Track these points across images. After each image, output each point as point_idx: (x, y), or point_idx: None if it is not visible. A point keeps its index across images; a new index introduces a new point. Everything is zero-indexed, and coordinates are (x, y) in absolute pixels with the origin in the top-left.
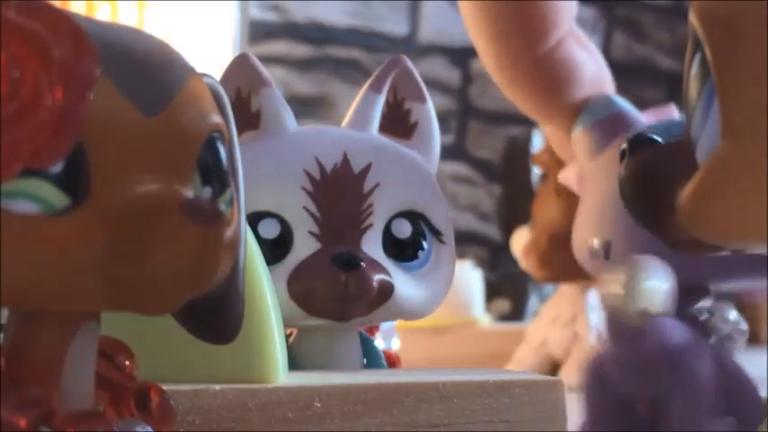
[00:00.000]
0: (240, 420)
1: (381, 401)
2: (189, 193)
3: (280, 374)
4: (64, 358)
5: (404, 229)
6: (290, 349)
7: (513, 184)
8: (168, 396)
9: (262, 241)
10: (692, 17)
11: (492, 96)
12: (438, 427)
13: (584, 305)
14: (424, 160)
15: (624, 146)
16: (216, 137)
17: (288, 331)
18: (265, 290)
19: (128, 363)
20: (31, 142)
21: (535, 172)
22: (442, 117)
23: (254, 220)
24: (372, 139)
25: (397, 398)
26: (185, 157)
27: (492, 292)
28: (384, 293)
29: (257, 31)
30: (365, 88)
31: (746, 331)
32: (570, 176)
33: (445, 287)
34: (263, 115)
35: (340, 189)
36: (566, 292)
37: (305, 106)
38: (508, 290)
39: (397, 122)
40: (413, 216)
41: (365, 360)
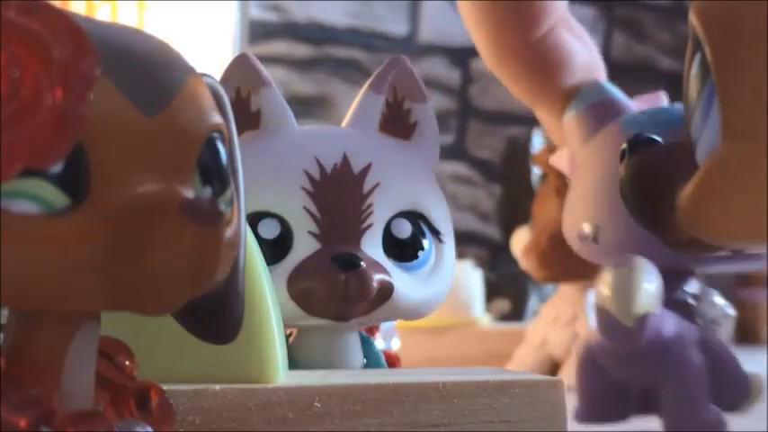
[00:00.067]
0: (240, 420)
1: (381, 401)
2: (189, 193)
3: (280, 374)
4: (64, 358)
5: (404, 229)
6: (290, 349)
7: (513, 184)
8: (168, 396)
9: (262, 241)
10: (692, 17)
11: (492, 96)
12: (438, 427)
13: (584, 305)
14: (423, 160)
15: (624, 146)
16: (216, 137)
17: (288, 331)
18: (265, 290)
19: (128, 363)
20: (31, 142)
21: (535, 172)
22: (441, 117)
23: (254, 220)
24: (372, 139)
25: (397, 398)
26: (185, 157)
27: (492, 292)
28: (384, 293)
29: (257, 31)
30: (365, 88)
31: (733, 316)
32: (562, 160)
33: (445, 287)
34: (263, 115)
35: (340, 189)
36: (566, 292)
37: (305, 106)
38: (508, 290)
39: (397, 122)
40: (413, 216)
41: (365, 360)
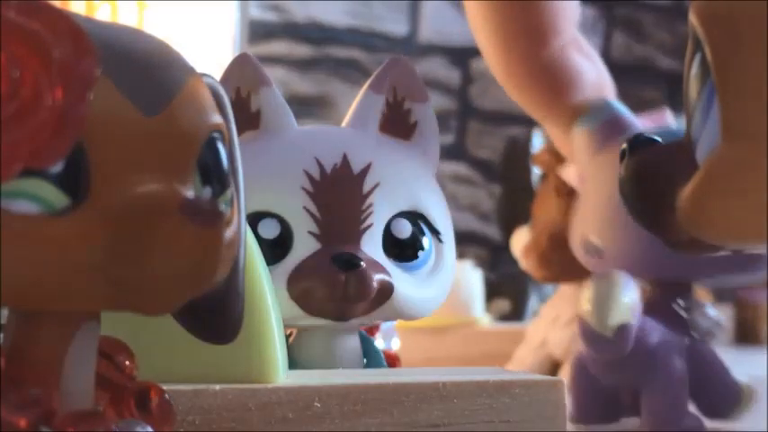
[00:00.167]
0: (240, 420)
1: (381, 401)
2: (189, 193)
3: (280, 374)
4: (64, 358)
5: (404, 229)
6: (290, 349)
7: (513, 184)
8: (168, 396)
9: (262, 241)
10: (692, 17)
11: (492, 96)
12: (438, 427)
13: None
14: (423, 160)
15: (624, 146)
16: (216, 137)
17: (288, 331)
18: (265, 290)
19: (128, 363)
20: (31, 142)
21: (535, 172)
22: (441, 117)
23: (254, 220)
24: (372, 139)
25: (397, 398)
26: (185, 157)
27: (492, 292)
28: (384, 293)
29: (257, 31)
30: (365, 88)
31: (724, 324)
32: (571, 174)
33: (445, 287)
34: (263, 115)
35: (340, 189)
36: (566, 292)
37: (305, 106)
38: (508, 290)
39: (397, 122)
40: (413, 216)
41: (365, 360)
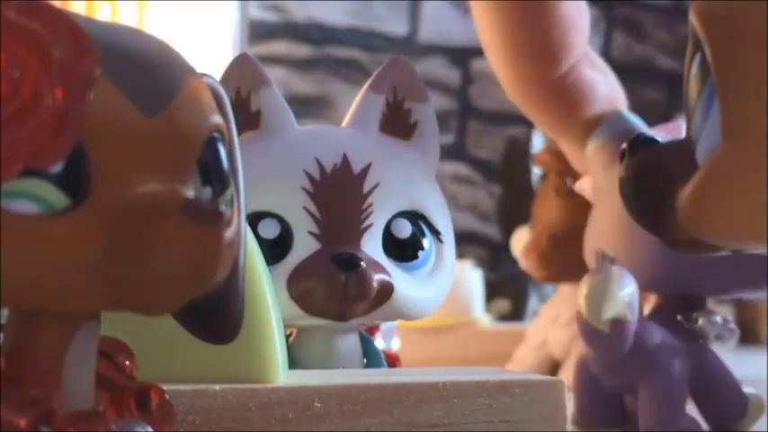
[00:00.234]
0: (240, 420)
1: (381, 401)
2: (189, 193)
3: (280, 374)
4: (64, 358)
5: (404, 229)
6: (290, 349)
7: (513, 184)
8: (168, 396)
9: (262, 241)
10: (692, 17)
11: (492, 96)
12: (438, 427)
13: None
14: (423, 160)
15: (624, 146)
16: (216, 137)
17: (288, 331)
18: (265, 290)
19: (128, 363)
20: (31, 142)
21: (535, 172)
22: (441, 117)
23: (254, 220)
24: (372, 139)
25: (397, 398)
26: (185, 157)
27: (492, 292)
28: (384, 293)
29: (257, 31)
30: (365, 88)
31: (735, 329)
32: (586, 186)
33: (445, 287)
34: (263, 115)
35: (340, 189)
36: (566, 292)
37: (305, 106)
38: (508, 290)
39: (397, 122)
40: (413, 216)
41: (365, 360)
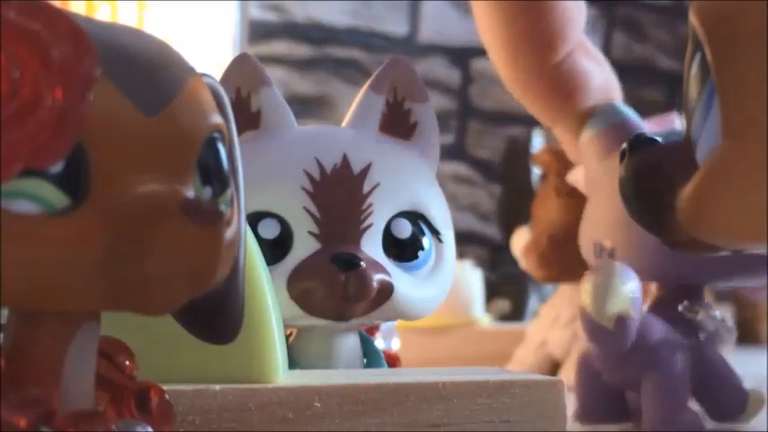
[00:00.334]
0: (240, 420)
1: (381, 401)
2: (189, 194)
3: (280, 374)
4: (64, 358)
5: (404, 229)
6: (290, 349)
7: (513, 184)
8: (168, 396)
9: (262, 241)
10: (692, 17)
11: (492, 96)
12: (438, 427)
13: None
14: (424, 160)
15: (624, 146)
16: (216, 137)
17: (288, 331)
18: (265, 290)
19: (128, 363)
20: (31, 142)
21: (535, 172)
22: (441, 117)
23: (254, 220)
24: (372, 139)
25: (397, 398)
26: (185, 158)
27: (492, 292)
28: (384, 293)
29: (257, 31)
30: (365, 88)
31: (733, 328)
32: (578, 177)
33: (445, 287)
34: (263, 115)
35: (340, 189)
36: (565, 292)
37: (305, 106)
38: (508, 290)
39: (397, 122)
40: (413, 216)
41: (365, 360)
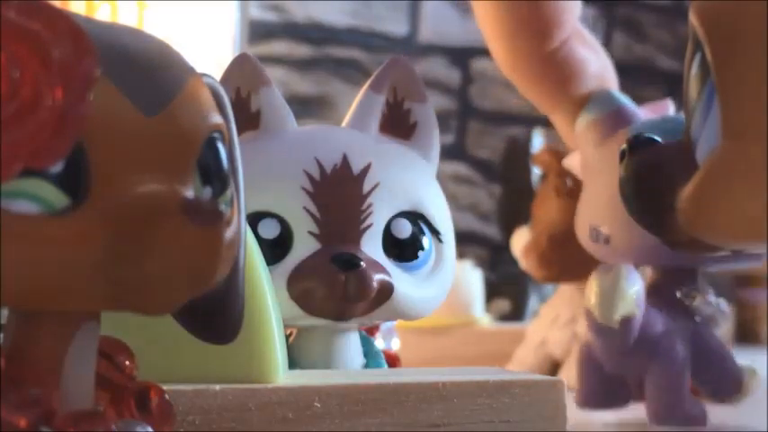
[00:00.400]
0: (240, 420)
1: (381, 401)
2: (189, 193)
3: (280, 374)
4: (64, 358)
5: (404, 229)
6: (290, 349)
7: (513, 184)
8: (168, 396)
9: (262, 241)
10: (692, 17)
11: (492, 96)
12: (438, 427)
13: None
14: (423, 160)
15: (624, 146)
16: (216, 137)
17: (288, 331)
18: (265, 290)
19: (128, 363)
20: (31, 142)
21: (535, 172)
22: (441, 117)
23: (254, 220)
24: (372, 139)
25: (397, 398)
26: (185, 157)
27: (492, 292)
28: (384, 293)
29: (257, 31)
30: (365, 88)
31: (728, 311)
32: (575, 163)
33: (445, 287)
34: (262, 115)
35: (340, 189)
36: (565, 292)
37: (305, 106)
38: (508, 290)
39: (397, 122)
40: (413, 216)
41: (365, 360)
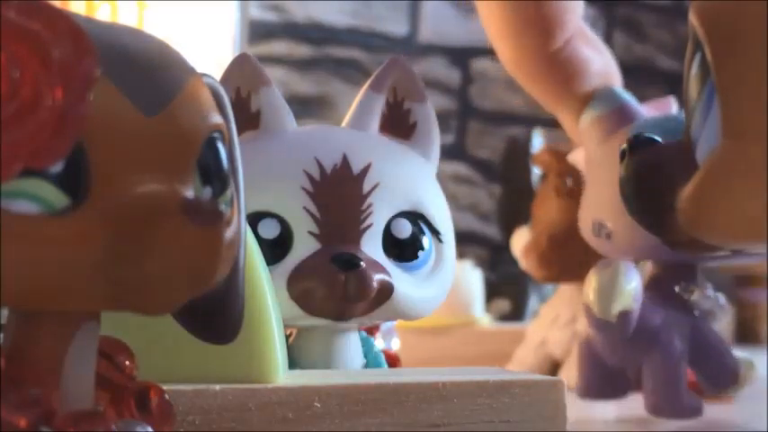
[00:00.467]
0: (240, 420)
1: (381, 401)
2: (189, 194)
3: (280, 374)
4: (64, 358)
5: (404, 229)
6: (290, 349)
7: (513, 184)
8: (168, 396)
9: (262, 241)
10: (692, 17)
11: (492, 96)
12: (438, 427)
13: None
14: (423, 160)
15: (624, 146)
16: (216, 137)
17: (288, 331)
18: (265, 290)
19: (128, 363)
20: (31, 142)
21: (535, 172)
22: (441, 117)
23: (254, 220)
24: (372, 139)
25: (397, 398)
26: (185, 157)
27: (492, 292)
28: (384, 293)
29: (257, 31)
30: (365, 88)
31: (726, 305)
32: (579, 158)
33: (445, 287)
34: (262, 115)
35: (340, 189)
36: (565, 292)
37: (305, 106)
38: (508, 290)
39: (397, 122)
40: (413, 216)
41: (365, 360)
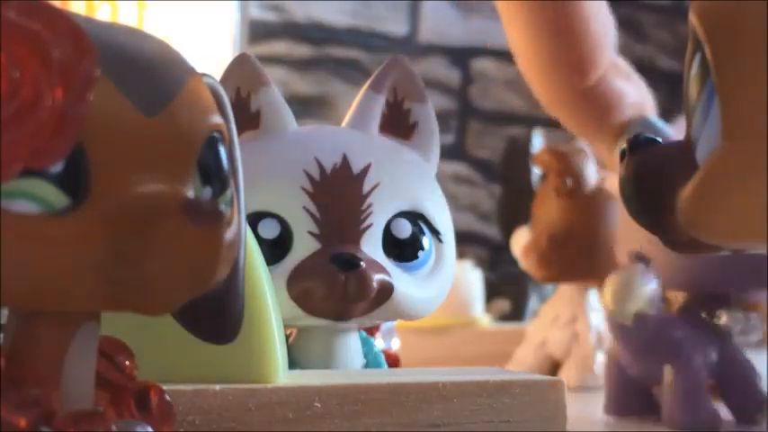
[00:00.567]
0: (240, 420)
1: (381, 401)
2: (189, 194)
3: (280, 374)
4: (64, 358)
5: (404, 229)
6: (290, 349)
7: (513, 184)
8: (168, 396)
9: (262, 241)
10: (692, 17)
11: (492, 96)
12: (438, 427)
13: (584, 305)
14: (423, 160)
15: (624, 146)
16: (216, 137)
17: (288, 331)
18: (265, 290)
19: (128, 363)
20: (31, 142)
21: (535, 172)
22: (441, 117)
23: (254, 220)
24: (372, 139)
25: (397, 398)
26: (185, 158)
27: (492, 292)
28: (384, 293)
29: (257, 31)
30: (365, 88)
31: (758, 323)
32: (615, 186)
33: (445, 287)
34: (262, 115)
35: (339, 189)
36: (565, 292)
37: (305, 106)
38: (508, 290)
39: (397, 122)
40: (413, 216)
41: (365, 360)
